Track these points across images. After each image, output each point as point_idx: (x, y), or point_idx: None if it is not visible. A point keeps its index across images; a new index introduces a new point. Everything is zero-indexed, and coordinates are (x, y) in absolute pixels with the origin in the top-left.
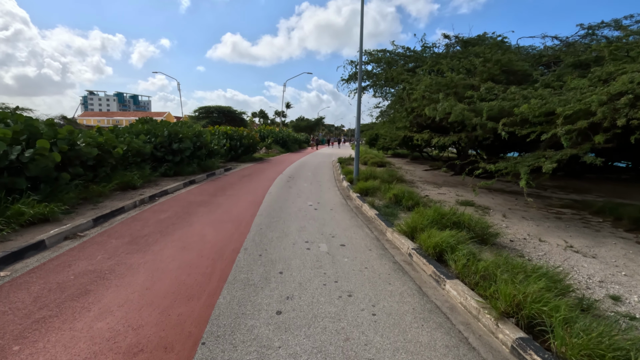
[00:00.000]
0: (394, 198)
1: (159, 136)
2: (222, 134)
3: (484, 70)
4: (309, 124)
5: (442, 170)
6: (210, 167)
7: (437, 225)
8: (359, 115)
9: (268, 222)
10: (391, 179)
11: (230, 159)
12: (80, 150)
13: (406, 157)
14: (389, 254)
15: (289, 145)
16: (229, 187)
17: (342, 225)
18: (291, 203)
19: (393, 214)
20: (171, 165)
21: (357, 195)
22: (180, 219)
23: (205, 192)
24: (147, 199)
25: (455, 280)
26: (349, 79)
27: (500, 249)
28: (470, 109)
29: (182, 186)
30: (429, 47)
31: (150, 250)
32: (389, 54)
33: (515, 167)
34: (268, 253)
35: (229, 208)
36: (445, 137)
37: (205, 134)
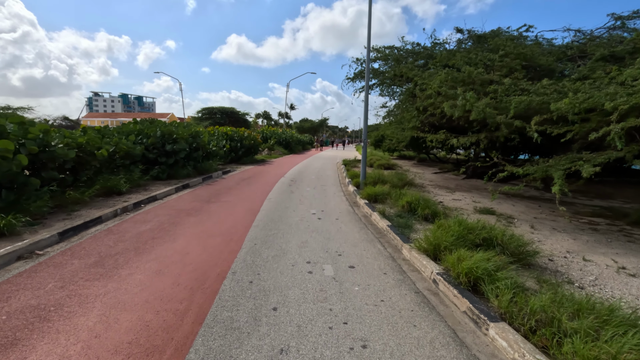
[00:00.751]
0: (407, 206)
1: (151, 137)
2: (222, 135)
3: (503, 65)
4: (313, 125)
5: (453, 173)
6: (207, 169)
7: (463, 242)
8: (366, 115)
9: (264, 235)
10: (401, 183)
11: (230, 160)
12: (55, 152)
13: (413, 159)
14: (408, 280)
15: (292, 146)
16: (225, 192)
17: (350, 239)
18: (292, 211)
19: (408, 226)
20: (164, 167)
21: (365, 202)
22: (164, 231)
23: (198, 198)
24: (131, 207)
25: (502, 323)
26: (355, 78)
27: (542, 272)
28: (493, 106)
29: (174, 191)
30: (440, 43)
31: (117, 275)
32: (397, 51)
33: (547, 171)
34: (261, 279)
35: (221, 218)
36: (464, 138)
37: (203, 135)
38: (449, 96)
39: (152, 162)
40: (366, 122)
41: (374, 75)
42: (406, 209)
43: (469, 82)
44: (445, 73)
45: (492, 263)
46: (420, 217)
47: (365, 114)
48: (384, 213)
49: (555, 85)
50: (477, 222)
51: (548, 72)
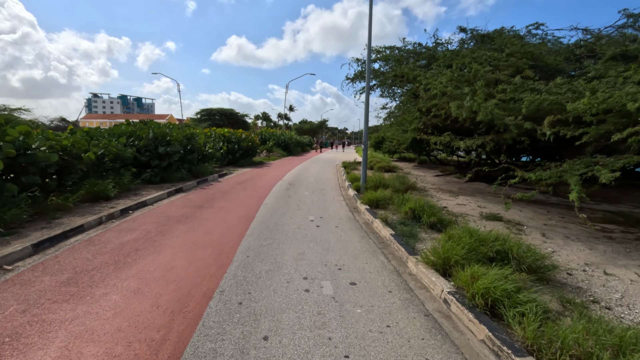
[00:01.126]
0: (410, 213)
1: (143, 139)
2: (218, 137)
3: (509, 64)
4: (312, 127)
5: (455, 176)
6: (202, 172)
7: (475, 255)
8: (367, 116)
9: (258, 246)
10: (403, 187)
11: (227, 163)
12: (35, 155)
13: (413, 161)
14: (416, 299)
15: (291, 148)
16: (220, 196)
17: (350, 250)
18: (289, 218)
19: (412, 235)
20: (157, 171)
21: (366, 208)
22: (149, 242)
23: (191, 203)
24: (118, 214)
25: (529, 359)
26: (355, 78)
27: (562, 289)
28: (501, 107)
29: (166, 196)
30: (442, 44)
31: (90, 295)
32: (397, 52)
33: (561, 176)
34: (252, 299)
35: (213, 226)
36: (470, 140)
37: (198, 137)
38: (455, 96)
39: (145, 165)
40: (367, 123)
41: (374, 76)
42: (410, 216)
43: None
44: (451, 72)
45: (511, 283)
46: (426, 224)
47: (365, 116)
48: (387, 220)
49: (568, 84)
50: (489, 233)
51: (555, 72)
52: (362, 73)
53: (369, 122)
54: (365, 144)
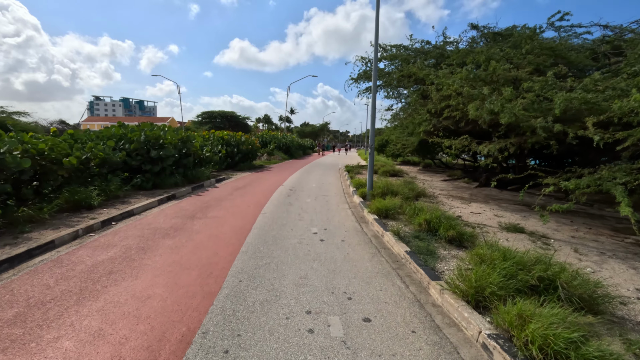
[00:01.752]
0: (425, 224)
1: (134, 142)
2: (217, 140)
3: (529, 62)
4: (314, 130)
5: (464, 181)
6: (198, 177)
7: (514, 283)
8: (374, 118)
9: (253, 267)
10: (413, 194)
11: (226, 167)
12: (4, 160)
13: (417, 165)
14: (447, 344)
15: (293, 151)
16: (215, 204)
17: (360, 271)
18: (290, 230)
19: (430, 252)
20: (149, 176)
21: (375, 218)
22: (127, 262)
23: (182, 212)
24: (99, 225)
25: None
26: (359, 78)
27: (621, 326)
28: (528, 107)
29: (157, 204)
30: (451, 42)
31: (36, 340)
32: (404, 50)
33: (600, 185)
34: (241, 345)
35: (204, 240)
36: (490, 144)
37: (195, 140)
38: (472, 97)
39: (136, 170)
40: (373, 126)
41: (379, 76)
42: (425, 228)
43: (493, 80)
44: (466, 70)
45: (575, 329)
46: (443, 239)
47: (372, 118)
48: (399, 233)
49: (607, 81)
50: (526, 254)
51: (579, 70)
52: (366, 73)
53: (370, 124)
54: (372, 147)
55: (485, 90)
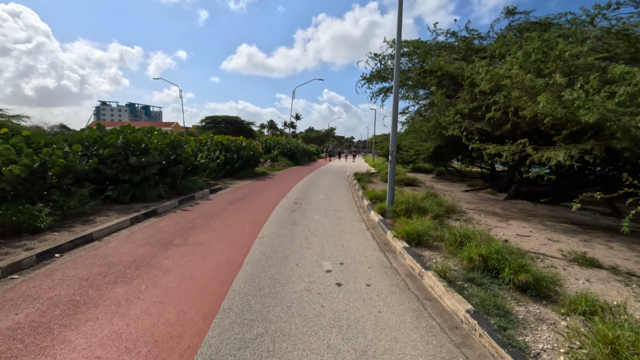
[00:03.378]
0: (479, 261)
1: (110, 146)
2: (215, 145)
3: (593, 49)
4: (319, 135)
5: (487, 192)
6: (188, 188)
7: None
8: (396, 117)
9: (236, 346)
10: (441, 210)
11: (225, 174)
12: None
13: (429, 172)
14: None
15: (298, 157)
16: (202, 224)
17: (408, 354)
18: (294, 265)
19: (503, 310)
20: (127, 187)
21: (404, 247)
22: (43, 334)
23: (157, 237)
24: (32, 260)
25: None
26: (372, 78)
27: None
28: (626, 101)
29: (129, 223)
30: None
31: None
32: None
33: None
34: None
35: (171, 288)
36: (558, 150)
37: (187, 144)
38: (529, 90)
39: (113, 180)
40: (395, 127)
41: (392, 76)
42: (479, 265)
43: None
44: (524, 53)
45: None
46: (510, 284)
47: (394, 117)
48: (445, 274)
49: None
50: None
51: None
52: (380, 72)
53: (376, 130)
54: (393, 155)
55: (557, 79)
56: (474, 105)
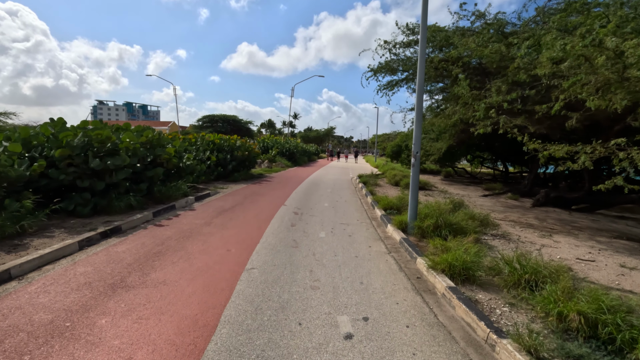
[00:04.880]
0: (580, 321)
1: (65, 146)
2: (205, 144)
3: None
4: (319, 135)
5: (508, 197)
6: (169, 196)
7: None
8: (420, 109)
9: None
10: (476, 225)
11: (217, 177)
12: None
13: (435, 174)
14: None
15: (297, 157)
16: (175, 247)
17: None
18: (295, 327)
19: None
20: (87, 197)
21: (450, 287)
22: None
23: (107, 270)
24: None
25: None
26: (380, 70)
27: None
28: None
29: (76, 247)
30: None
31: None
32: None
33: None
34: None
35: None
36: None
37: (170, 143)
38: None
39: (71, 188)
40: (419, 121)
41: (403, 67)
42: (579, 327)
43: None
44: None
45: None
46: None
47: (418, 109)
48: (535, 350)
49: None
50: None
51: None
52: (388, 64)
53: (378, 130)
54: (417, 157)
55: None
56: (512, 96)
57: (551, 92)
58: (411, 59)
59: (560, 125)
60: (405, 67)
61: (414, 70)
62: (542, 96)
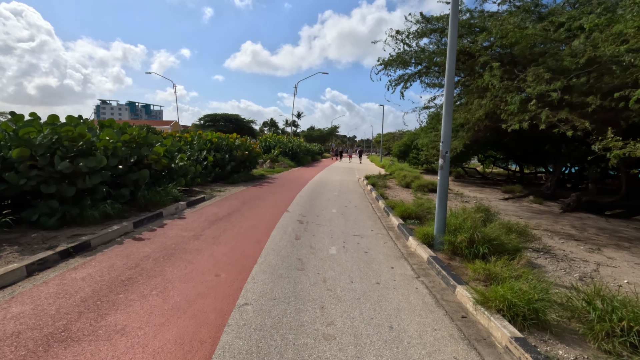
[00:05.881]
0: None
1: (26, 144)
2: (202, 143)
3: None
4: (322, 134)
5: (531, 201)
6: (156, 202)
7: None
8: (451, 100)
9: None
10: (515, 239)
11: (214, 178)
12: None
13: None
14: None
15: (300, 157)
16: (150, 272)
17: None
18: None
19: None
20: (55, 204)
21: (515, 337)
22: None
23: (50, 309)
24: None
25: None
26: (391, 63)
27: None
28: None
29: (23, 274)
30: None
31: None
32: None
33: None
34: None
35: None
36: None
37: (160, 142)
38: None
39: (37, 194)
40: (449, 114)
41: (416, 60)
42: None
43: None
44: None
45: None
46: None
47: (447, 99)
48: None
49: None
50: None
51: None
52: (400, 56)
53: (384, 129)
54: (446, 158)
55: None
56: (557, 85)
57: (602, 81)
58: (425, 50)
59: (612, 120)
60: (418, 59)
61: (428, 62)
62: (590, 86)
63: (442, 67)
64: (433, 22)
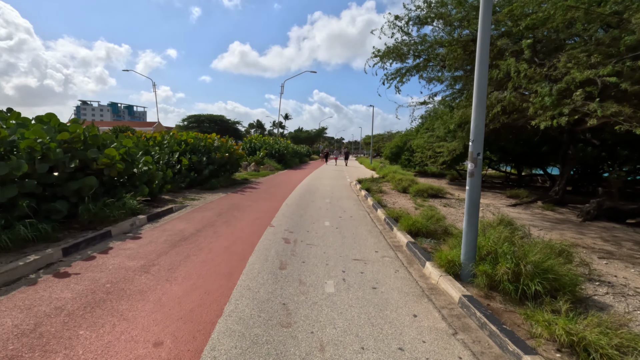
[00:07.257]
0: None
1: None
2: (175, 144)
3: None
4: (310, 135)
5: (542, 207)
6: (104, 217)
7: None
8: (485, 85)
9: None
10: (565, 270)
11: (189, 184)
12: None
13: (439, 177)
14: None
15: (288, 159)
16: (56, 338)
17: None
18: None
19: None
20: None
21: None
22: None
23: None
24: None
25: None
26: (387, 54)
27: None
28: None
29: None
30: None
31: None
32: None
33: None
34: None
35: None
36: None
37: (115, 143)
38: None
39: None
40: (482, 101)
41: (414, 52)
42: None
43: None
44: None
45: None
46: None
47: (480, 80)
48: None
49: None
50: None
51: None
52: (397, 47)
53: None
54: (478, 162)
55: None
56: (607, 70)
57: None
58: (425, 40)
59: None
60: (417, 51)
61: (428, 54)
62: None
63: (444, 59)
64: (438, 7)
